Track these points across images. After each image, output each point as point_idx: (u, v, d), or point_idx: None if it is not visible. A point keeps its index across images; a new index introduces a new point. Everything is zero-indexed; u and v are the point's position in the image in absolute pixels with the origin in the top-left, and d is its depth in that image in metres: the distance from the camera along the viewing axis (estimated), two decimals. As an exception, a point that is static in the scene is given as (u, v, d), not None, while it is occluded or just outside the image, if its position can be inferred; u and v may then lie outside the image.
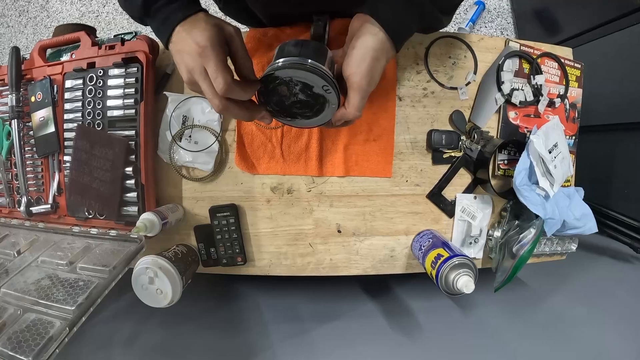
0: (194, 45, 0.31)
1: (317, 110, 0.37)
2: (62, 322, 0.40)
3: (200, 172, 0.53)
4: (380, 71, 0.35)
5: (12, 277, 0.47)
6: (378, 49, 0.34)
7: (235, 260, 0.54)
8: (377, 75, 0.35)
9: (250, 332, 0.52)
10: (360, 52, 0.34)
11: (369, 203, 0.54)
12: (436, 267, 0.46)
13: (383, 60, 0.35)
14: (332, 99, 0.35)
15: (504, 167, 0.56)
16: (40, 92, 0.53)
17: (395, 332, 0.52)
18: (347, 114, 0.36)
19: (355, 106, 0.35)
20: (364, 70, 0.34)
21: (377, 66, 0.34)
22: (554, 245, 0.59)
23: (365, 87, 0.34)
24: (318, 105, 0.36)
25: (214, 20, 0.34)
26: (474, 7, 1.32)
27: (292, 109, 0.37)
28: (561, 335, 0.51)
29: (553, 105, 0.57)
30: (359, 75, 0.34)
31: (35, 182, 0.55)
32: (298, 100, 0.35)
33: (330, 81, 0.33)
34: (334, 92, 0.34)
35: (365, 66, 0.34)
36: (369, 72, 0.34)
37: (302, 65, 0.32)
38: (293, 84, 0.34)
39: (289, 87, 0.34)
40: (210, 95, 0.33)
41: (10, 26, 1.59)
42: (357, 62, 0.34)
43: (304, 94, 0.35)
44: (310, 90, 0.34)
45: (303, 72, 0.32)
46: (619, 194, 0.77)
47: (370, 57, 0.34)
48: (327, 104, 0.36)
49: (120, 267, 0.46)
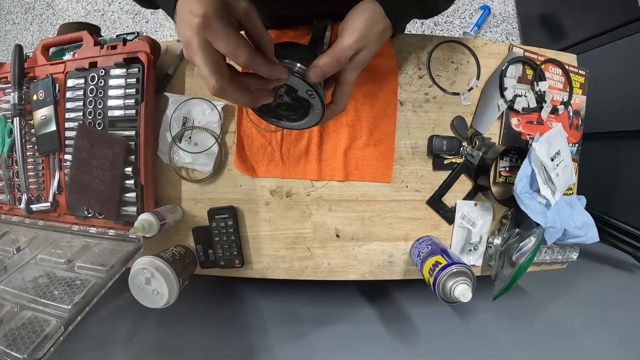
0: (190, 16, 0.26)
1: (301, 114, 0.37)
2: (58, 320, 0.40)
3: (200, 174, 0.53)
4: (375, 41, 0.33)
5: (11, 274, 0.47)
6: (375, 11, 0.32)
7: (233, 262, 0.54)
8: (372, 41, 0.32)
9: (249, 334, 0.51)
10: (354, 13, 0.32)
11: (368, 208, 0.54)
12: (434, 274, 0.45)
13: (380, 26, 0.32)
14: (316, 104, 0.34)
15: (505, 174, 0.55)
16: (42, 91, 0.53)
17: (392, 338, 0.52)
18: (336, 109, 0.35)
19: (346, 80, 0.33)
20: (357, 27, 0.31)
21: (371, 29, 0.32)
22: (554, 254, 0.58)
23: (355, 45, 0.31)
24: (302, 109, 0.36)
25: None
26: (480, 12, 1.31)
27: (277, 110, 0.37)
28: (561, 344, 0.51)
29: (556, 112, 0.56)
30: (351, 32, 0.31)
31: (36, 180, 0.55)
32: (283, 102, 0.35)
33: (314, 87, 0.32)
34: (318, 98, 0.33)
35: (359, 24, 0.31)
36: (363, 32, 0.31)
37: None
38: (279, 86, 0.33)
39: (274, 89, 0.33)
40: (207, 72, 0.27)
41: (16, 23, 1.61)
42: (351, 20, 0.32)
43: (289, 97, 0.34)
44: (295, 94, 0.34)
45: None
46: (621, 202, 0.77)
47: (365, 16, 0.32)
48: (312, 109, 0.35)
49: (118, 266, 0.46)
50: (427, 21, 1.36)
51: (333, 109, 0.36)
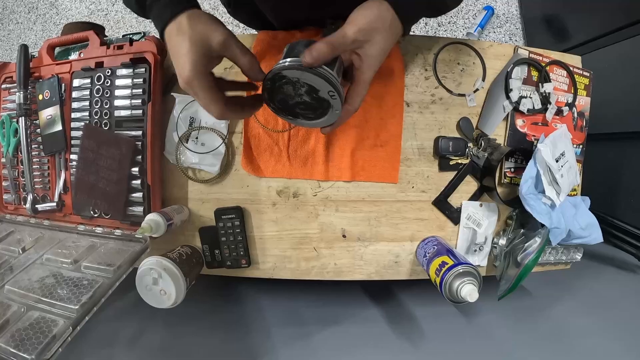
0: (180, 73, 0.32)
1: (319, 114, 0.36)
2: (66, 320, 0.40)
3: (207, 174, 0.53)
4: (380, 36, 0.32)
5: (17, 274, 0.47)
6: (380, 8, 0.32)
7: (240, 262, 0.54)
8: (377, 36, 0.32)
9: (253, 335, 0.51)
10: (357, 9, 0.32)
11: (374, 208, 0.54)
12: (440, 274, 0.46)
13: (386, 23, 0.32)
14: (336, 105, 0.34)
15: (511, 175, 0.55)
16: (48, 91, 0.53)
17: (398, 338, 0.52)
18: (349, 108, 0.36)
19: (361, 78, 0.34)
20: (356, 19, 0.32)
21: (374, 24, 0.32)
22: (558, 255, 0.58)
23: (352, 35, 0.31)
24: (321, 109, 0.35)
25: (199, 30, 0.32)
26: (483, 12, 1.32)
27: (295, 109, 0.36)
28: (565, 345, 0.51)
29: (561, 113, 0.56)
30: (349, 24, 0.31)
31: (42, 179, 0.55)
32: (302, 101, 0.35)
33: (337, 88, 0.32)
34: (339, 99, 0.33)
35: (359, 16, 0.32)
36: (363, 25, 0.31)
37: (312, 69, 0.31)
38: (299, 85, 0.33)
39: (294, 88, 0.34)
40: (204, 104, 0.33)
41: (20, 23, 1.60)
42: (353, 14, 0.32)
43: (309, 97, 0.34)
44: (316, 94, 0.34)
45: (312, 75, 0.31)
46: (625, 203, 0.77)
47: (367, 11, 0.32)
48: (331, 109, 0.35)
49: (125, 267, 0.46)
50: (431, 22, 1.36)
51: (347, 109, 0.36)
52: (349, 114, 0.36)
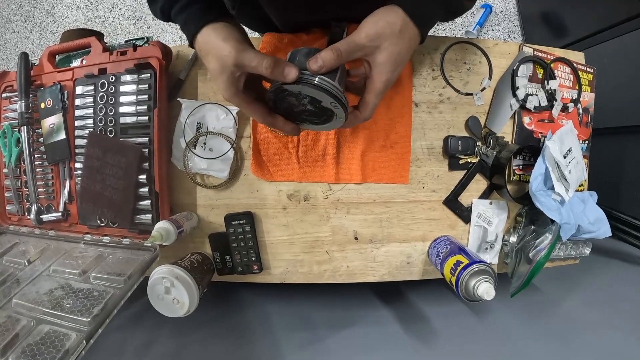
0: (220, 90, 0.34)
1: (324, 120, 0.37)
2: (78, 334, 0.39)
3: (215, 180, 0.53)
4: (391, 41, 0.31)
5: (24, 287, 0.46)
6: (392, 15, 0.31)
7: (251, 268, 0.53)
8: (388, 42, 0.31)
9: (262, 341, 0.51)
10: (368, 17, 0.31)
11: (386, 210, 0.54)
12: (456, 274, 0.45)
13: (396, 28, 0.31)
14: (339, 113, 0.35)
15: (519, 172, 0.56)
16: (50, 99, 0.52)
17: (410, 338, 0.51)
18: (359, 116, 0.36)
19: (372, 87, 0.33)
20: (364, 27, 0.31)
21: (384, 30, 0.31)
22: (568, 250, 0.59)
23: (358, 41, 0.31)
24: (326, 116, 0.36)
25: (215, 54, 0.32)
26: (481, 10, 1.32)
27: (300, 116, 0.37)
28: (576, 340, 0.51)
29: (566, 110, 0.57)
30: (356, 31, 0.31)
31: (46, 189, 0.54)
32: (306, 109, 0.35)
33: (339, 98, 0.32)
34: (342, 108, 0.33)
35: (368, 23, 0.31)
36: (371, 31, 0.30)
37: (311, 84, 0.31)
38: (302, 96, 0.34)
39: (297, 99, 0.34)
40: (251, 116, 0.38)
41: (16, 31, 1.58)
42: (363, 22, 0.31)
43: (312, 106, 0.35)
44: (319, 104, 0.34)
45: (311, 89, 0.32)
46: (630, 197, 0.78)
47: (375, 18, 0.31)
48: (335, 117, 0.36)
49: (136, 276, 0.45)
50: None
51: (356, 115, 0.36)
52: (357, 119, 0.36)
